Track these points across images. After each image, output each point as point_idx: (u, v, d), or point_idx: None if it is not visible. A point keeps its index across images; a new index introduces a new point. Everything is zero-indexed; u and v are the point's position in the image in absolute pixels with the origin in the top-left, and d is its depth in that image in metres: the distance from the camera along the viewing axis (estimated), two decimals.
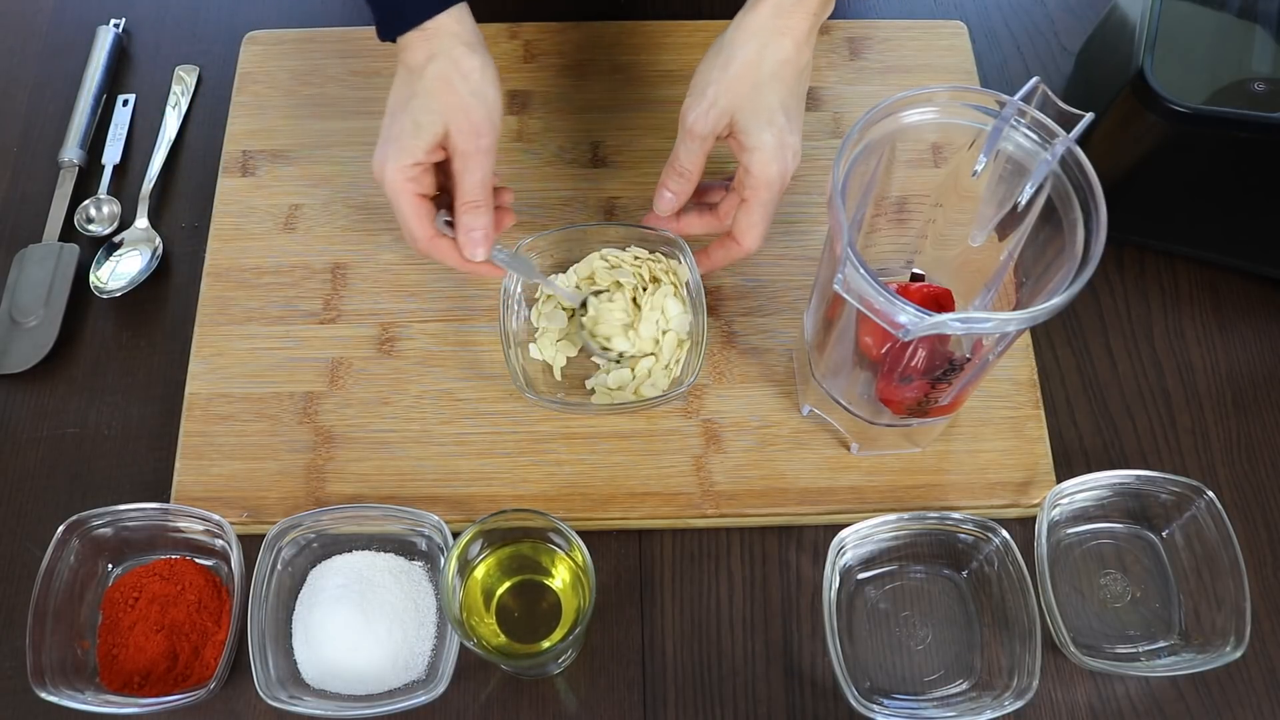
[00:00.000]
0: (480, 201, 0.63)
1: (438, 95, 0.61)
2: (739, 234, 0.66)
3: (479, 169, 0.62)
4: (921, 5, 0.89)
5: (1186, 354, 0.74)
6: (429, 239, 0.64)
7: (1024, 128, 0.53)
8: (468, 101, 0.61)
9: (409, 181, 0.62)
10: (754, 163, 0.63)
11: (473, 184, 0.62)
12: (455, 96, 0.61)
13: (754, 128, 0.62)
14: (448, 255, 0.65)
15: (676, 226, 0.69)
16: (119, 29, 0.86)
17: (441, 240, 0.65)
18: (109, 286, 0.75)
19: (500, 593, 0.64)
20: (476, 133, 0.61)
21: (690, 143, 0.64)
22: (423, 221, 0.64)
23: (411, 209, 0.63)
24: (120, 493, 0.69)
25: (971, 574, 0.66)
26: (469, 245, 0.64)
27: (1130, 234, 0.76)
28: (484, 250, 0.64)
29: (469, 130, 0.61)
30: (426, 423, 0.70)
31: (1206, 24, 0.70)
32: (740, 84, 0.62)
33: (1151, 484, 0.66)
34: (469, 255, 0.64)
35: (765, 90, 0.62)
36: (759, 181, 0.63)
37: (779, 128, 0.62)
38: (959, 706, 0.62)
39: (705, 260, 0.69)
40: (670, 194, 0.67)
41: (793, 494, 0.68)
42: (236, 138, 0.80)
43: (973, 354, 0.57)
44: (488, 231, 0.64)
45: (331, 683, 0.62)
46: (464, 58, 0.61)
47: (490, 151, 0.62)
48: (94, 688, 0.62)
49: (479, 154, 0.62)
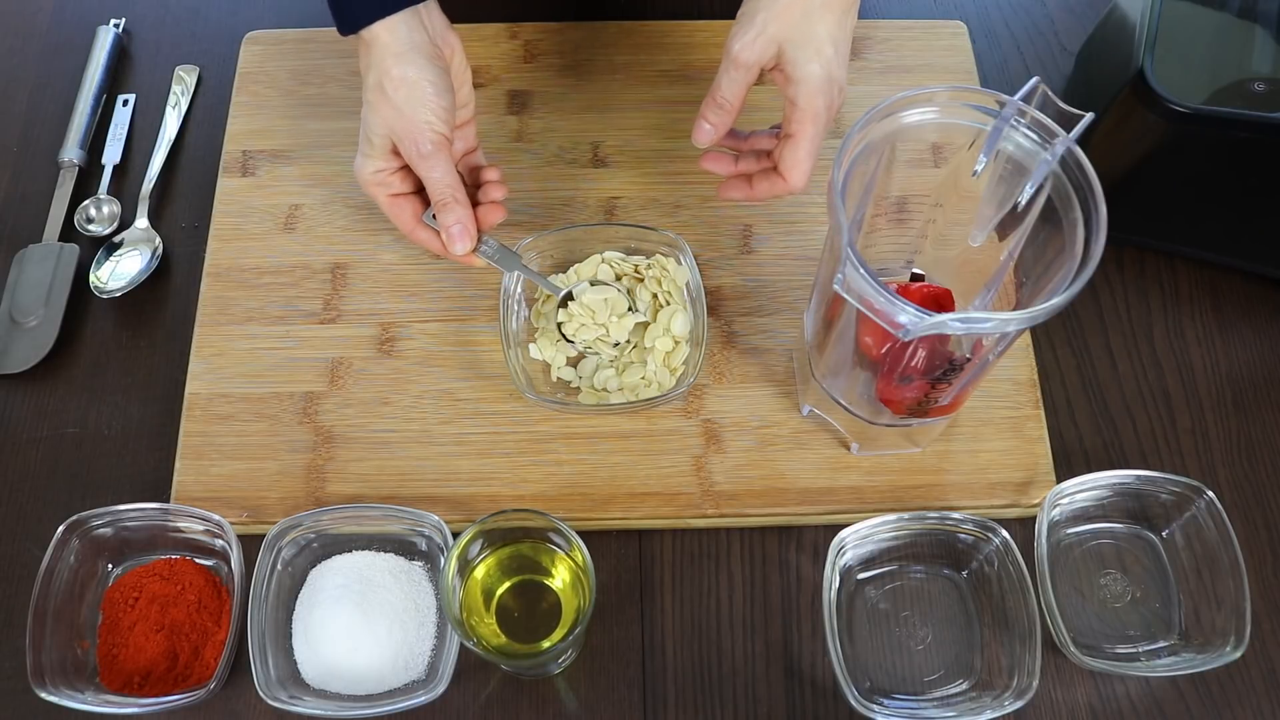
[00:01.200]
0: (448, 200, 0.65)
1: (376, 108, 0.63)
2: (785, 170, 0.64)
3: (433, 170, 0.64)
4: (921, 5, 0.89)
5: (1186, 354, 0.74)
6: (411, 231, 0.68)
7: (1024, 128, 0.53)
8: (401, 112, 0.63)
9: (378, 186, 0.67)
10: (800, 95, 0.61)
11: (435, 185, 0.65)
12: (390, 108, 0.63)
13: (802, 59, 0.61)
14: (433, 245, 0.68)
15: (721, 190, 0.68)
16: (119, 29, 0.86)
17: (423, 231, 0.68)
18: (109, 286, 0.75)
19: (500, 593, 0.64)
20: (415, 141, 0.63)
21: (734, 72, 0.62)
22: (401, 217, 0.68)
23: (387, 207, 0.68)
24: (120, 493, 0.69)
25: (971, 574, 0.66)
26: (449, 241, 0.66)
27: (1130, 234, 0.76)
28: (464, 244, 0.66)
29: (408, 139, 0.63)
30: (426, 423, 0.70)
31: (1206, 24, 0.70)
32: (790, 12, 0.60)
33: (1151, 484, 0.66)
34: (452, 250, 0.66)
35: (815, 19, 0.60)
36: (805, 115, 0.61)
37: (827, 59, 0.61)
38: (959, 706, 0.62)
39: (746, 190, 0.66)
40: (709, 125, 0.65)
41: (793, 494, 0.68)
42: (236, 138, 0.80)
43: (973, 354, 0.57)
44: (465, 226, 0.66)
45: (331, 683, 0.62)
46: (393, 68, 0.62)
47: (435, 156, 0.64)
48: (94, 688, 0.62)
49: (425, 159, 0.64)
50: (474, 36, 0.83)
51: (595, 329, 0.70)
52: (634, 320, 0.70)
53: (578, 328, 0.70)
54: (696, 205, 0.77)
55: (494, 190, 0.69)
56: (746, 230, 0.76)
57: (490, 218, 0.68)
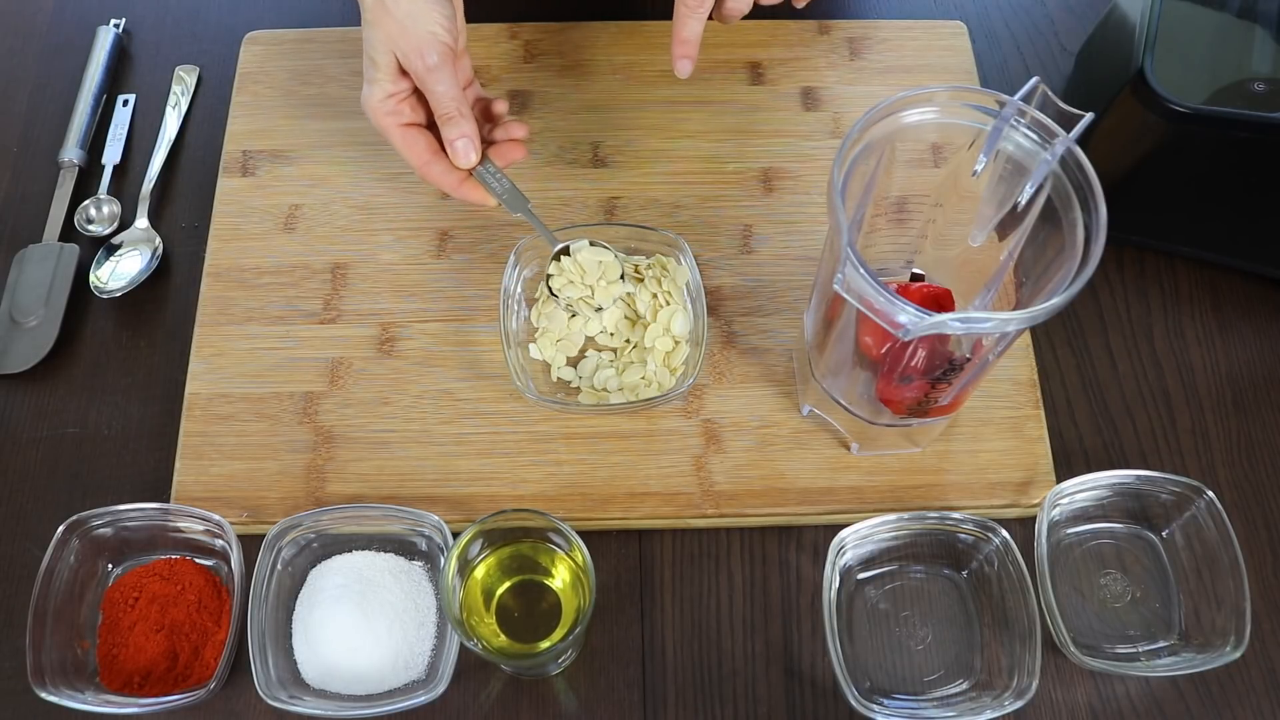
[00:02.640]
0: (453, 113, 0.65)
1: (378, 26, 0.63)
2: None
3: (439, 84, 0.64)
4: (921, 5, 0.89)
5: (1186, 354, 0.74)
6: (423, 165, 0.67)
7: (1024, 128, 0.53)
8: (404, 26, 0.62)
9: (389, 115, 0.66)
10: None
11: (441, 99, 0.64)
12: (392, 22, 0.62)
13: None
14: (443, 178, 0.67)
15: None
16: (119, 29, 0.86)
17: (437, 166, 0.67)
18: (109, 286, 0.75)
19: (500, 593, 0.64)
20: (420, 53, 0.63)
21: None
22: (414, 149, 0.67)
23: (399, 139, 0.67)
24: (120, 493, 0.69)
25: (971, 574, 0.66)
26: (454, 156, 0.66)
27: (1130, 234, 0.76)
28: (470, 157, 0.66)
29: (413, 52, 0.63)
30: (426, 423, 0.70)
31: (1206, 24, 0.70)
32: None
33: (1151, 484, 0.66)
34: (459, 165, 0.66)
35: None
36: None
37: None
38: (959, 706, 0.62)
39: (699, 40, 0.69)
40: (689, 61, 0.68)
41: (793, 494, 0.68)
42: (236, 138, 0.80)
43: (973, 354, 0.57)
44: (471, 140, 0.65)
45: (331, 683, 0.62)
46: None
47: (441, 68, 0.63)
48: (94, 688, 0.62)
49: (432, 72, 0.63)
50: (474, 36, 0.83)
51: (582, 289, 0.70)
52: (623, 290, 0.70)
53: (564, 284, 0.70)
54: (696, 205, 0.77)
55: (515, 128, 0.69)
56: (746, 230, 0.76)
57: (511, 154, 0.68)
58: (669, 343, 0.70)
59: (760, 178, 0.78)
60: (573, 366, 0.71)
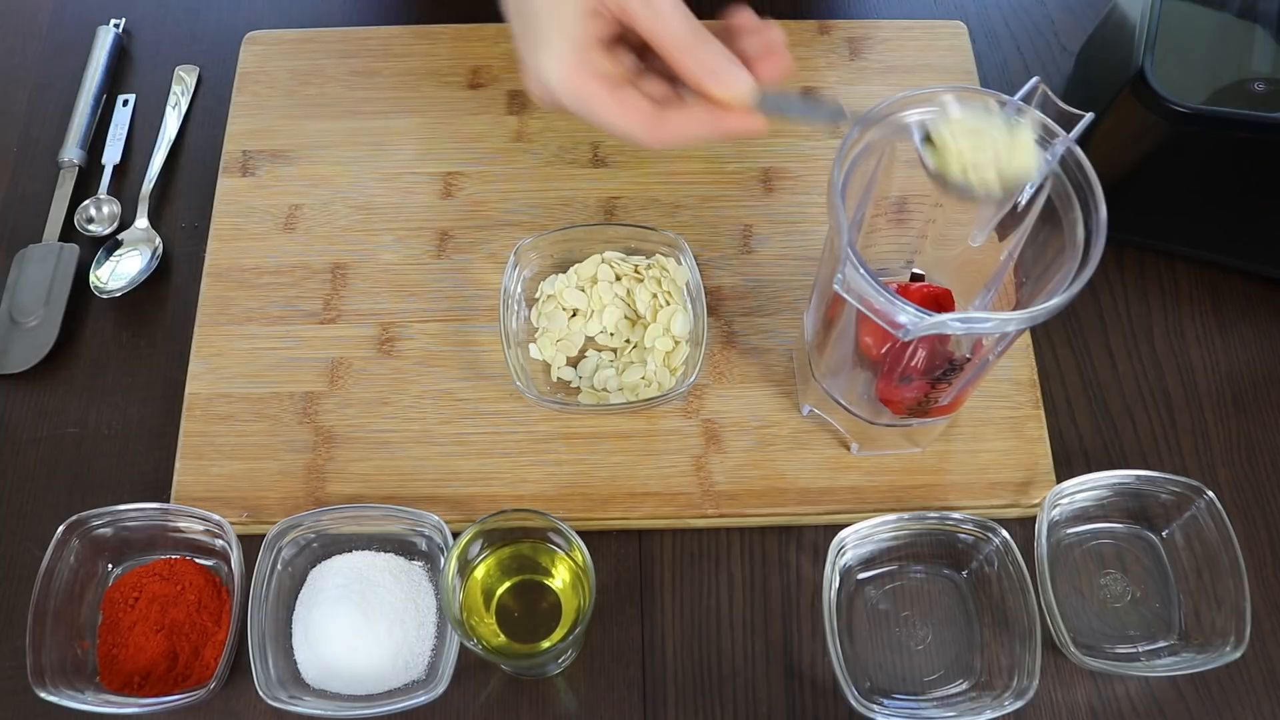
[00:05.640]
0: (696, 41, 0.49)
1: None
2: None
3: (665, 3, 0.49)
4: (921, 5, 0.89)
5: (1186, 354, 0.74)
6: (652, 121, 0.50)
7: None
8: None
9: (589, 78, 0.50)
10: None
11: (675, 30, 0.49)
12: None
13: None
14: (693, 122, 0.51)
15: None
16: (119, 29, 0.86)
17: (679, 115, 0.51)
18: (109, 286, 0.75)
19: (500, 593, 0.64)
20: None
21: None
22: (633, 111, 0.50)
23: (612, 104, 0.50)
24: (120, 493, 0.69)
25: (971, 574, 0.66)
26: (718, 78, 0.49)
27: (1130, 234, 0.76)
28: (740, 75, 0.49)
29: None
30: (426, 423, 0.70)
31: (1206, 24, 0.70)
32: None
33: (1151, 484, 0.66)
34: (728, 89, 0.50)
35: None
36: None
37: None
38: (959, 706, 0.62)
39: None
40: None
41: (793, 494, 0.68)
42: (236, 138, 0.80)
43: (973, 354, 0.57)
44: (730, 58, 0.49)
45: (331, 683, 0.62)
46: None
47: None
48: (94, 688, 0.62)
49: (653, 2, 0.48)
50: (474, 36, 0.83)
51: None
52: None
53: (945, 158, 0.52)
54: (696, 205, 0.77)
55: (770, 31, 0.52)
56: (746, 230, 0.76)
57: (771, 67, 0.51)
58: (669, 343, 0.70)
59: (760, 178, 0.78)
60: (573, 366, 0.71)
